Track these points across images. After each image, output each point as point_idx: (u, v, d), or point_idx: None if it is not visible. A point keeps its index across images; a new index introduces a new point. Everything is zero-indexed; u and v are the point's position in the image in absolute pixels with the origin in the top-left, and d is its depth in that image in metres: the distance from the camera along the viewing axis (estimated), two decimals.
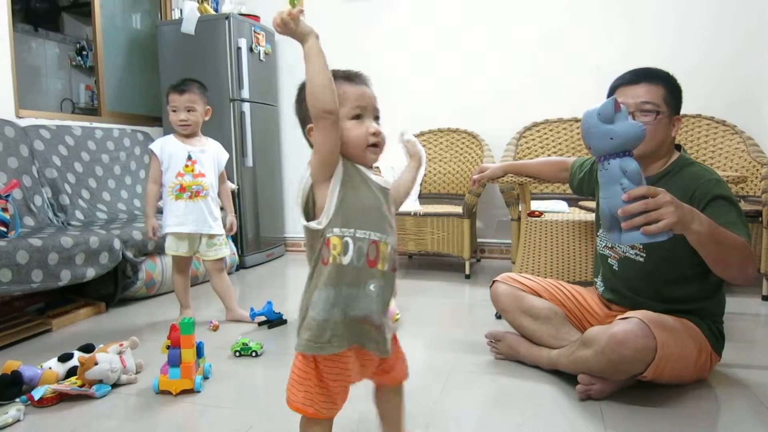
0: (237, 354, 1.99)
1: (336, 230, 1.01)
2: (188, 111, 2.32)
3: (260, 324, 2.37)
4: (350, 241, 1.01)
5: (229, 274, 2.89)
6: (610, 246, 1.77)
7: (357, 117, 1.05)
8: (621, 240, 1.31)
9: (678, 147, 1.70)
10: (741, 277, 1.48)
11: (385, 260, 1.05)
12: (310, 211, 1.05)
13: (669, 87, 1.62)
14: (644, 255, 1.65)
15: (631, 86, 1.63)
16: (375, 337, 1.05)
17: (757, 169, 2.88)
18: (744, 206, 2.74)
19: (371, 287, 1.02)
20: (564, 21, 3.58)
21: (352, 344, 1.03)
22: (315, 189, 1.03)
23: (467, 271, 3.27)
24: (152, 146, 2.35)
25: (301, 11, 0.98)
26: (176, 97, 2.31)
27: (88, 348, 1.84)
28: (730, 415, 1.52)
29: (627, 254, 1.69)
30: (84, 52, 4.74)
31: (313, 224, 1.03)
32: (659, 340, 1.45)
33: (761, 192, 2.55)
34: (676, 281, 1.62)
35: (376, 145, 1.07)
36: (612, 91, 1.70)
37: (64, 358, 1.77)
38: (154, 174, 2.35)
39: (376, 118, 1.09)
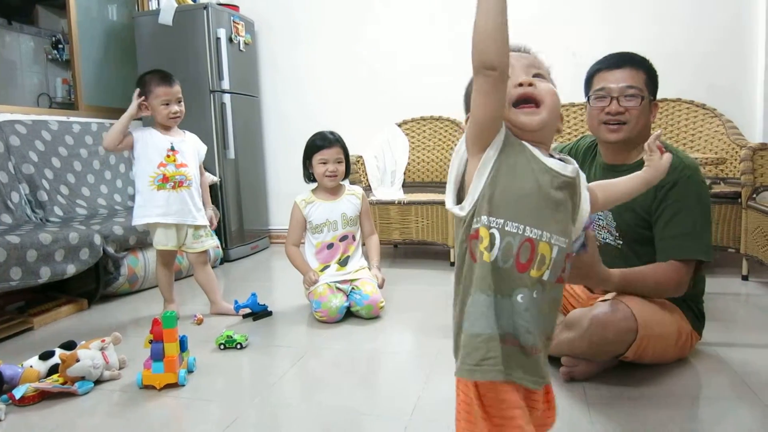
0: (222, 347, 1.98)
1: (483, 218, 0.82)
2: (178, 102, 2.30)
3: (245, 316, 2.35)
4: (497, 234, 0.81)
5: (213, 267, 2.86)
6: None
7: None
8: None
9: None
10: (676, 296, 1.57)
11: (545, 266, 0.83)
12: (464, 193, 0.86)
13: (648, 72, 1.63)
14: (621, 241, 1.67)
15: (612, 71, 1.63)
16: (522, 362, 0.83)
17: (737, 152, 2.91)
18: (723, 188, 2.78)
19: (518, 298, 0.81)
20: (541, 6, 3.55)
21: (508, 374, 0.81)
22: (469, 164, 0.86)
23: (452, 259, 3.28)
24: (131, 130, 2.27)
25: None
26: (167, 89, 2.26)
27: (69, 345, 1.81)
28: (710, 392, 1.55)
29: (606, 241, 1.70)
30: (60, 46, 4.62)
31: (455, 209, 0.86)
32: (640, 321, 1.47)
33: (740, 174, 2.58)
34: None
35: (529, 99, 0.87)
36: (591, 75, 1.69)
37: (45, 356, 1.74)
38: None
39: (536, 75, 0.91)
